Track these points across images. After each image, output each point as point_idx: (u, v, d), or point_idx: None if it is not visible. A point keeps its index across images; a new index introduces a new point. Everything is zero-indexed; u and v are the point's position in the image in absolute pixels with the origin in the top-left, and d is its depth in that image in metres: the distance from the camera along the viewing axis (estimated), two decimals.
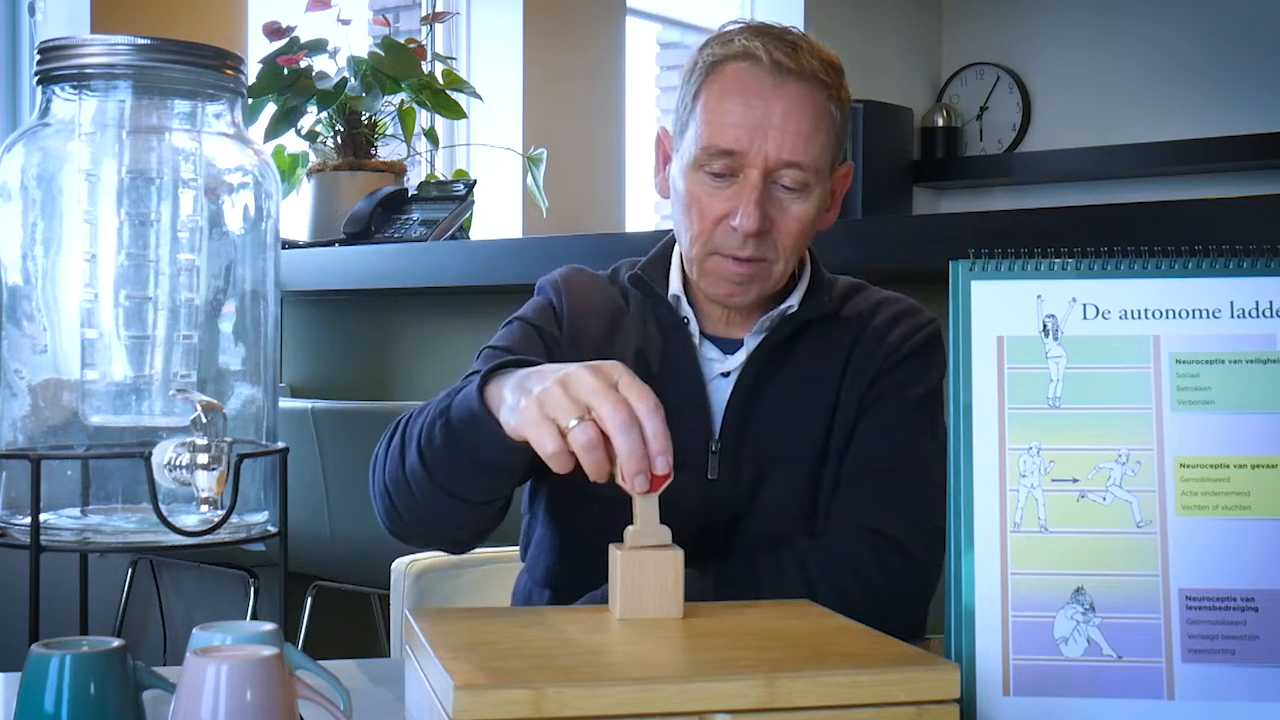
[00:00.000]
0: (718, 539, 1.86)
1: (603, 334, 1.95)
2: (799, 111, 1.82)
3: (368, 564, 3.21)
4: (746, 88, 1.82)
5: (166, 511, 2.60)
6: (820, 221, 1.91)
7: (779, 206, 1.83)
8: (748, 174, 1.82)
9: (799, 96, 1.82)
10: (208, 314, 2.82)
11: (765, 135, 1.80)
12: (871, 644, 1.34)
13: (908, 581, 1.80)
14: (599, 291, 2.00)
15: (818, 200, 1.86)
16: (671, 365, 1.92)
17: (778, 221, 1.83)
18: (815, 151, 1.83)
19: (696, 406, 1.90)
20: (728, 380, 1.92)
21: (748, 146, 1.81)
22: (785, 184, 1.83)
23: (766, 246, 1.84)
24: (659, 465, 1.45)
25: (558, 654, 1.29)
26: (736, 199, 1.82)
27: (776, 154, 1.81)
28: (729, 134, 1.81)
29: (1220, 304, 1.37)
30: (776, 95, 1.81)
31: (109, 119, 2.77)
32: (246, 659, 1.14)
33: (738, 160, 1.82)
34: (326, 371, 4.15)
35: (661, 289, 1.94)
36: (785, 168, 1.81)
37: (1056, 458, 1.35)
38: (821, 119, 1.84)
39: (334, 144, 4.21)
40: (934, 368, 1.94)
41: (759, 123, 1.81)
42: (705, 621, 1.42)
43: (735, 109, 1.82)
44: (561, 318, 1.97)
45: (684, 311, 1.93)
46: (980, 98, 7.75)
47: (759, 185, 1.81)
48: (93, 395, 2.73)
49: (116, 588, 3.94)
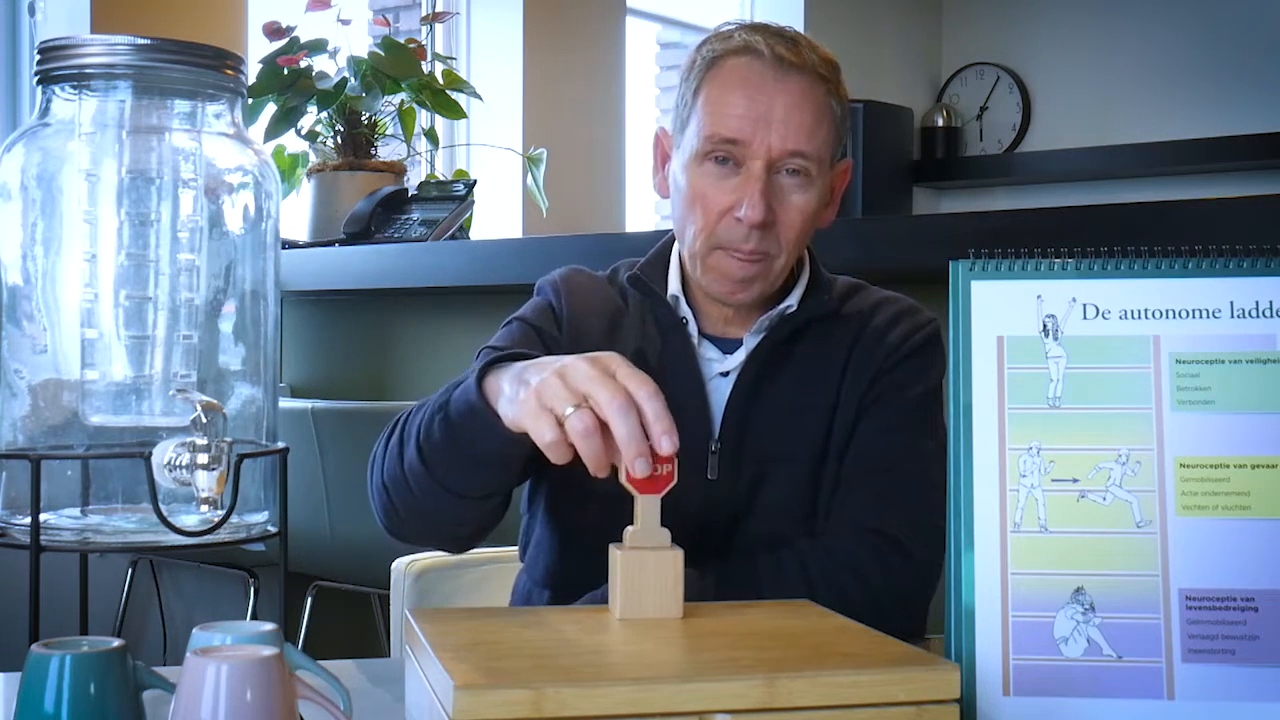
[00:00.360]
0: (718, 539, 1.86)
1: (602, 334, 1.95)
2: (801, 104, 1.83)
3: (368, 564, 3.21)
4: (749, 81, 1.83)
5: (166, 511, 2.60)
6: (820, 218, 1.91)
7: (782, 199, 1.84)
8: (751, 165, 1.82)
9: (801, 89, 1.83)
10: (208, 314, 2.82)
11: (769, 126, 1.81)
12: (871, 644, 1.34)
13: (908, 581, 1.80)
14: (598, 292, 2.00)
15: (819, 194, 1.87)
16: (671, 365, 1.92)
17: (780, 214, 1.84)
18: (818, 143, 1.84)
19: (696, 406, 1.90)
20: (727, 380, 1.92)
21: (751, 137, 1.82)
22: (789, 174, 1.84)
23: (769, 240, 1.85)
24: (664, 445, 1.44)
25: (558, 654, 1.29)
26: (741, 190, 1.83)
27: (780, 144, 1.82)
28: (733, 124, 1.82)
29: (1220, 304, 1.37)
30: (779, 88, 1.82)
31: (109, 119, 2.77)
32: (246, 659, 1.14)
33: (741, 150, 1.82)
34: (326, 371, 4.16)
35: (660, 289, 1.95)
36: (789, 157, 1.83)
37: (1056, 458, 1.35)
38: (823, 112, 1.85)
39: (334, 144, 4.21)
40: (934, 367, 1.94)
41: (762, 114, 1.82)
42: (705, 621, 1.42)
43: (738, 101, 1.83)
44: (561, 318, 1.97)
45: (683, 311, 1.94)
46: (980, 98, 7.75)
47: (763, 176, 1.82)
48: (93, 395, 2.73)
49: (116, 588, 3.94)
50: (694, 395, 1.91)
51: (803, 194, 1.85)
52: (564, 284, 2.01)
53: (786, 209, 1.85)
